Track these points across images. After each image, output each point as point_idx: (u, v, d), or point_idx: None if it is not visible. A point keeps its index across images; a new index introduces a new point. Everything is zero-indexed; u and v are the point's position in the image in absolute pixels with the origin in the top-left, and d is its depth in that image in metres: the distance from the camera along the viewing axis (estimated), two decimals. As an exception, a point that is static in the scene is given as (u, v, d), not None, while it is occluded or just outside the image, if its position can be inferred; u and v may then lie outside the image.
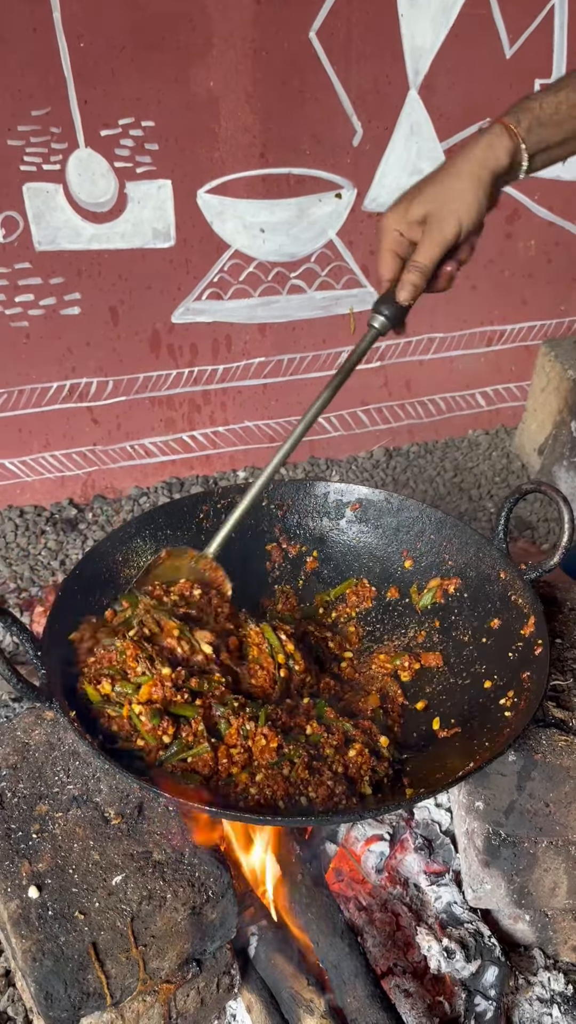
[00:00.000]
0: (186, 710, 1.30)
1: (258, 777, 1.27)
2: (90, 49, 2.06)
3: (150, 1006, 1.28)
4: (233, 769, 1.28)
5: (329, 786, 1.28)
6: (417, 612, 1.70)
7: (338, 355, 2.73)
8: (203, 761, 1.27)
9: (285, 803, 1.26)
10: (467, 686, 1.53)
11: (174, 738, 1.27)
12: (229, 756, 1.29)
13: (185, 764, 1.26)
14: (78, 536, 2.62)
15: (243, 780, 1.27)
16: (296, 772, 1.28)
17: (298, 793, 1.27)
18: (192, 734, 1.28)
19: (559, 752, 1.41)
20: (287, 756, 1.30)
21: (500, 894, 1.50)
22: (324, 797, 1.27)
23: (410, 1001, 1.42)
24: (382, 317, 1.45)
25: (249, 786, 1.26)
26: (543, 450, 2.93)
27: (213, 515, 1.75)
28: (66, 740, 1.43)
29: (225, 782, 1.27)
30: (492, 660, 1.52)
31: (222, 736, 1.31)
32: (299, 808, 1.26)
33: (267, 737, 1.30)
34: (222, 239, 2.41)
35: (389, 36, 2.27)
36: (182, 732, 1.28)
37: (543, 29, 2.40)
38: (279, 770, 1.28)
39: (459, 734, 1.44)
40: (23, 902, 1.21)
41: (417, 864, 1.59)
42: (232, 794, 1.26)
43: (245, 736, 1.30)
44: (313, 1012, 1.35)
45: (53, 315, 2.38)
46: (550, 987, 1.52)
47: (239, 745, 1.29)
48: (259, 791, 1.25)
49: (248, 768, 1.29)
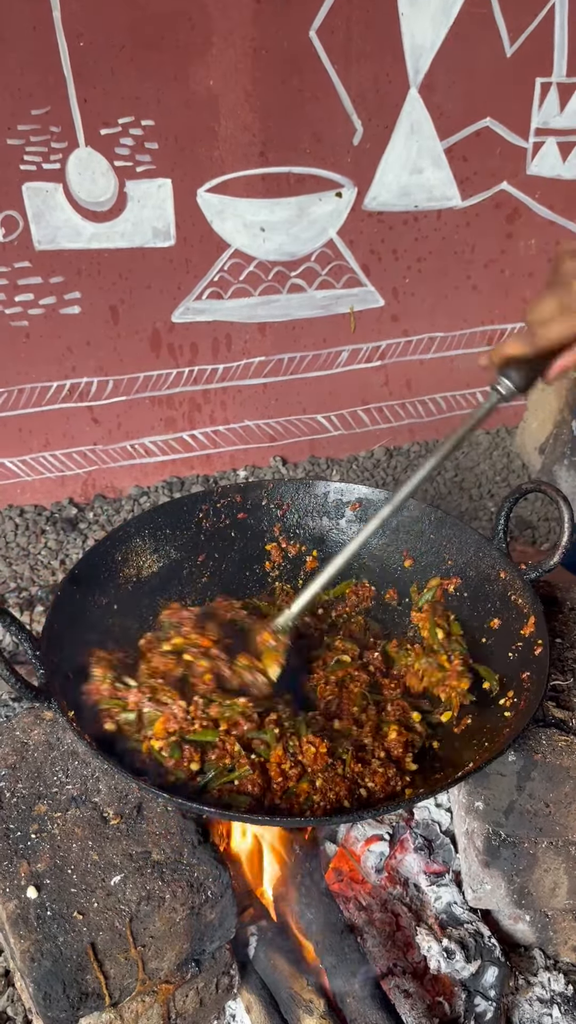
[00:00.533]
0: (206, 735, 1.31)
1: (318, 783, 1.29)
2: (90, 48, 2.05)
3: (149, 1006, 1.28)
4: (290, 784, 1.30)
5: (381, 772, 1.32)
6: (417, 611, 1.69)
7: (338, 354, 2.73)
8: (251, 781, 1.28)
9: (350, 801, 1.28)
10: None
11: (202, 764, 1.28)
12: (283, 772, 1.30)
13: (232, 787, 1.28)
14: (78, 536, 2.62)
15: (304, 789, 1.29)
16: (349, 767, 1.31)
17: (356, 787, 1.30)
18: (228, 756, 1.29)
19: (559, 752, 1.40)
20: (338, 755, 1.32)
21: (500, 894, 1.50)
22: (381, 784, 1.31)
23: (410, 1001, 1.42)
24: (509, 381, 1.30)
25: (312, 794, 1.28)
26: (544, 449, 2.92)
27: (212, 514, 1.75)
28: (65, 740, 1.43)
29: (286, 795, 1.29)
30: (492, 660, 1.51)
31: (262, 753, 1.32)
32: (358, 801, 1.29)
33: (315, 744, 1.32)
34: (222, 238, 2.41)
35: (389, 35, 2.27)
36: (211, 756, 1.30)
37: (544, 28, 2.40)
38: (334, 770, 1.30)
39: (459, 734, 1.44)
40: (22, 902, 1.20)
41: (417, 864, 1.59)
42: (296, 805, 1.28)
43: (293, 753, 1.32)
44: (312, 1012, 1.35)
45: (53, 314, 2.38)
46: (550, 987, 1.51)
47: (288, 761, 1.31)
48: (322, 796, 1.27)
49: (305, 777, 1.31)
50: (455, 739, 1.45)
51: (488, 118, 2.48)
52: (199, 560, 1.73)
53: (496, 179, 2.59)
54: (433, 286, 2.71)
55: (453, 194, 2.56)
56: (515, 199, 2.63)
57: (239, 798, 1.27)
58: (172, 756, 1.28)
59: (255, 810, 1.26)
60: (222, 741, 1.31)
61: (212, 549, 1.75)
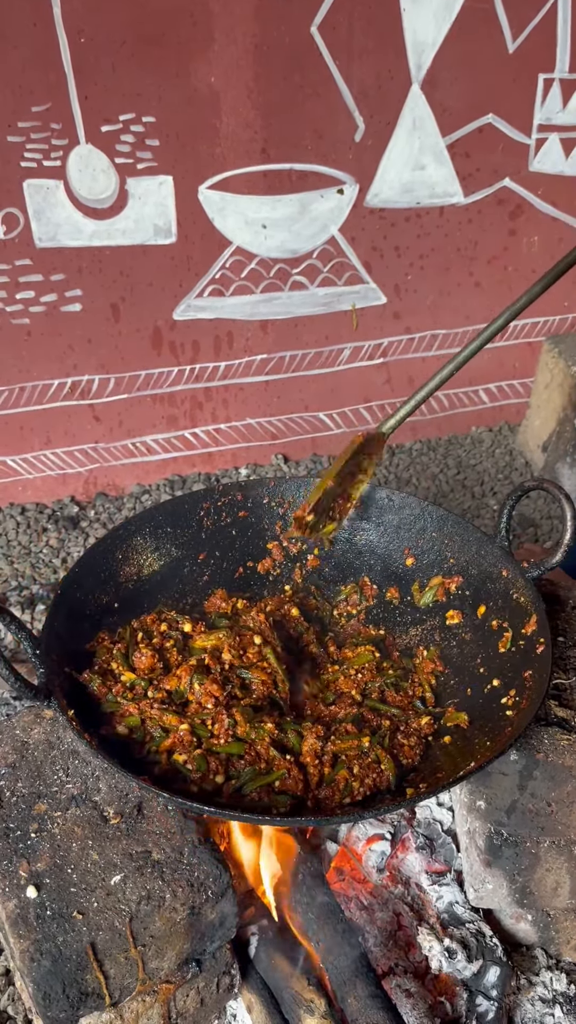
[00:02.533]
0: (232, 748, 1.32)
1: (356, 770, 1.33)
2: (90, 44, 2.05)
3: (149, 1006, 1.27)
4: (326, 770, 1.33)
5: (411, 746, 1.42)
6: (418, 610, 1.69)
7: (340, 352, 2.72)
8: (294, 779, 1.31)
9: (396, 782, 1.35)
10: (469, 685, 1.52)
11: (227, 774, 1.30)
12: (319, 760, 1.35)
13: (271, 788, 1.30)
14: (80, 534, 2.62)
15: (344, 776, 1.32)
16: (388, 740, 1.39)
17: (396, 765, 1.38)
18: (263, 761, 1.31)
19: (561, 751, 1.40)
20: (375, 740, 1.39)
21: (502, 894, 1.49)
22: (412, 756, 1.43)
23: (411, 1001, 1.41)
24: None
25: (352, 780, 1.32)
26: (547, 447, 2.91)
27: (214, 513, 1.74)
28: (65, 739, 1.43)
29: (324, 783, 1.31)
30: (494, 658, 1.51)
31: (295, 745, 1.36)
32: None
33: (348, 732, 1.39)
34: (223, 235, 2.40)
35: (391, 30, 2.26)
36: (236, 766, 1.31)
37: (546, 23, 2.38)
38: (367, 757, 1.37)
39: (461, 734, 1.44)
40: (21, 902, 1.20)
41: (419, 863, 1.58)
42: (336, 794, 1.32)
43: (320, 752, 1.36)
44: (314, 1012, 1.35)
45: (54, 312, 2.37)
46: (552, 987, 1.51)
47: (318, 762, 1.35)
48: (360, 783, 1.33)
49: (340, 765, 1.35)
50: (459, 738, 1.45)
51: (490, 114, 2.47)
52: (200, 558, 1.73)
53: (499, 176, 2.57)
54: (435, 283, 2.70)
55: (455, 191, 2.55)
56: (518, 196, 2.62)
57: (279, 798, 1.29)
58: (198, 769, 1.28)
59: (293, 809, 1.29)
60: (251, 747, 1.32)
61: (213, 547, 1.75)
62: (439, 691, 1.58)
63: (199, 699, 1.37)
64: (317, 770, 1.34)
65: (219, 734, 1.33)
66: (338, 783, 1.33)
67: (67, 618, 1.44)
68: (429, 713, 1.51)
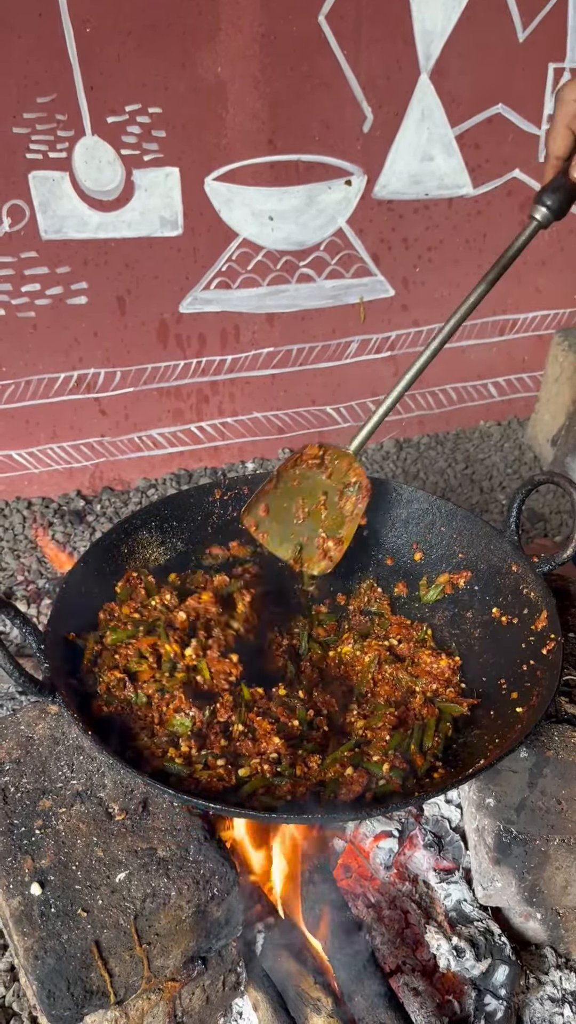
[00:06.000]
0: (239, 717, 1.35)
1: (389, 752, 1.35)
2: (96, 34, 2.03)
3: (155, 1004, 1.26)
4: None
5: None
6: (426, 606, 1.67)
7: (347, 345, 2.70)
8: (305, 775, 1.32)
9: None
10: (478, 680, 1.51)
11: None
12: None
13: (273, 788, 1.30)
14: (86, 528, 2.60)
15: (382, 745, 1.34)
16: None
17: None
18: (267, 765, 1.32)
19: (572, 749, 1.38)
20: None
21: (511, 892, 1.48)
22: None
23: (419, 1000, 1.40)
24: (544, 208, 1.33)
25: (383, 762, 1.34)
26: (556, 441, 2.89)
27: (220, 506, 1.73)
28: (70, 734, 1.41)
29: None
30: (503, 655, 1.49)
31: (300, 716, 1.39)
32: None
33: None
34: (230, 227, 2.39)
35: (400, 20, 2.23)
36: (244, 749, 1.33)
37: (557, 13, 2.36)
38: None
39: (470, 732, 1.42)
40: (25, 899, 1.19)
41: (427, 861, 1.57)
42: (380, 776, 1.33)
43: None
44: (320, 1011, 1.33)
45: (60, 305, 2.36)
46: (561, 986, 1.49)
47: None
48: (391, 765, 1.33)
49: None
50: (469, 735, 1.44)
51: (500, 104, 2.44)
52: (206, 553, 1.71)
53: (508, 167, 2.55)
54: (444, 275, 2.68)
55: (464, 182, 2.53)
56: (527, 187, 2.60)
57: (335, 786, 1.30)
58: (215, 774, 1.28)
59: (299, 807, 1.28)
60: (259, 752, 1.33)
61: (219, 542, 1.73)
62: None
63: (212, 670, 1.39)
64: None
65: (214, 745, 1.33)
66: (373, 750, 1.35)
67: (72, 612, 1.43)
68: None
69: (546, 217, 1.34)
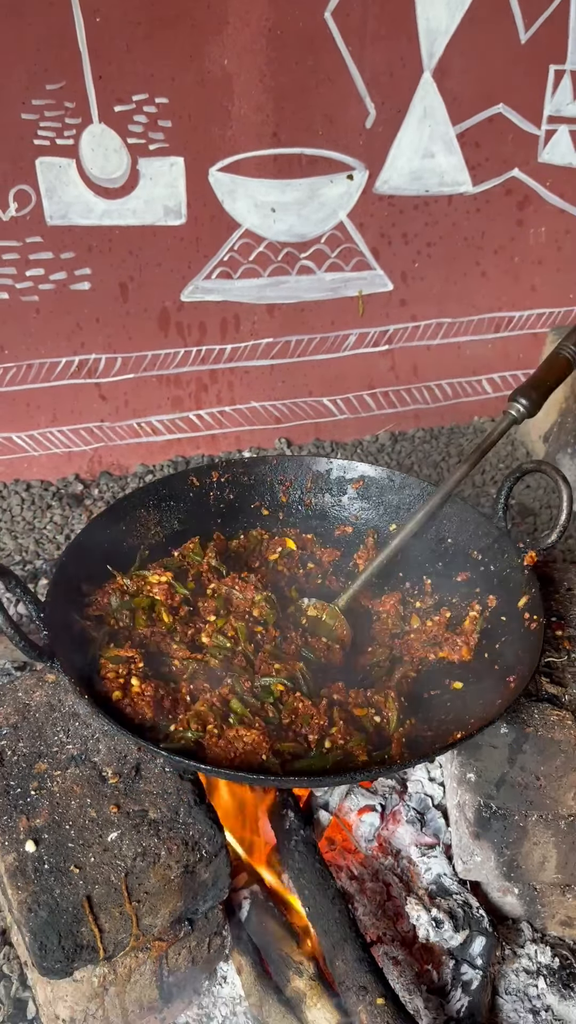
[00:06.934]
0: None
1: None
2: (106, 24, 2.06)
3: (142, 963, 1.30)
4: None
5: None
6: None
7: (345, 338, 2.74)
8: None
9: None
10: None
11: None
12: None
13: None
14: (84, 512, 2.64)
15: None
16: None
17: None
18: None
19: (551, 726, 1.43)
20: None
21: (489, 866, 1.52)
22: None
23: (398, 968, 1.44)
24: (520, 405, 1.60)
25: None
26: (548, 437, 2.93)
27: (216, 488, 1.77)
28: (66, 702, 1.46)
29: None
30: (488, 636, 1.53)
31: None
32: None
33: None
34: (233, 218, 2.42)
35: (404, 18, 2.27)
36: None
37: (559, 15, 2.39)
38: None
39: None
40: (20, 855, 1.23)
41: (409, 836, 1.61)
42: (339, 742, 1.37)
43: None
44: (302, 974, 1.38)
45: (63, 290, 2.39)
46: (536, 959, 1.54)
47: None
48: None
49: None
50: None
51: (501, 104, 2.48)
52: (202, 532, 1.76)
53: (508, 166, 2.59)
54: (442, 271, 2.72)
55: (464, 180, 2.57)
56: (526, 186, 2.64)
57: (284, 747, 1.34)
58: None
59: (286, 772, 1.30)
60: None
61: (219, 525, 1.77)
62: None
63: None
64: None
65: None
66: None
67: (71, 583, 1.47)
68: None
69: (521, 414, 1.60)
